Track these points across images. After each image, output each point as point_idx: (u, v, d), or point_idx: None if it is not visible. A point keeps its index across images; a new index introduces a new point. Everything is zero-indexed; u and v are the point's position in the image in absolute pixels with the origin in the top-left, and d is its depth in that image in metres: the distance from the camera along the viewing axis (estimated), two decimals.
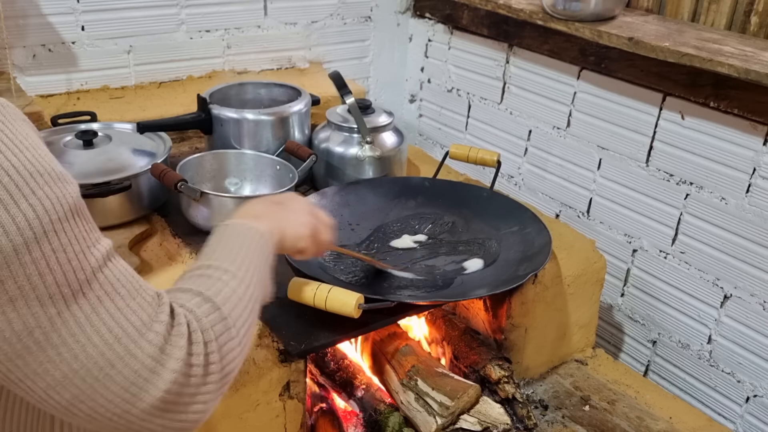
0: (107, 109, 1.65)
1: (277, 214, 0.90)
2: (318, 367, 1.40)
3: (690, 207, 1.56)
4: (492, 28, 1.92)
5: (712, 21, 1.52)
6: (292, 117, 1.57)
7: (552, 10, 1.61)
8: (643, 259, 1.69)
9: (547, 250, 1.28)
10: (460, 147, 1.58)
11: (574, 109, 1.77)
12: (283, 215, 0.91)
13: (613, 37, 1.49)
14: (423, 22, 2.17)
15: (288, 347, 1.09)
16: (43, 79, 1.68)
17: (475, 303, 1.47)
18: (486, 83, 2.01)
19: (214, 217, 1.30)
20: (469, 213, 1.47)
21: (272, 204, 0.93)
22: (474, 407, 1.28)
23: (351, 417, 1.34)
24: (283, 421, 1.12)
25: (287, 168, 1.43)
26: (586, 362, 1.52)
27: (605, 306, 1.81)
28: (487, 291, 1.25)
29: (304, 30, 2.01)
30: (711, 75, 1.39)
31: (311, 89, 1.71)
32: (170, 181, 1.27)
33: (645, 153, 1.63)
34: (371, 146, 1.51)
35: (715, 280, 1.55)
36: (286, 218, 0.90)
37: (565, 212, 1.87)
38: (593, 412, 1.37)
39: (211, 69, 1.90)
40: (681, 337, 1.65)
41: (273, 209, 0.91)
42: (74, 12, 1.66)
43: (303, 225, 0.93)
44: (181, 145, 1.70)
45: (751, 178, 1.43)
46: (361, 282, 1.26)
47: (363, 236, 1.40)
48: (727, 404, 1.58)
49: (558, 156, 1.85)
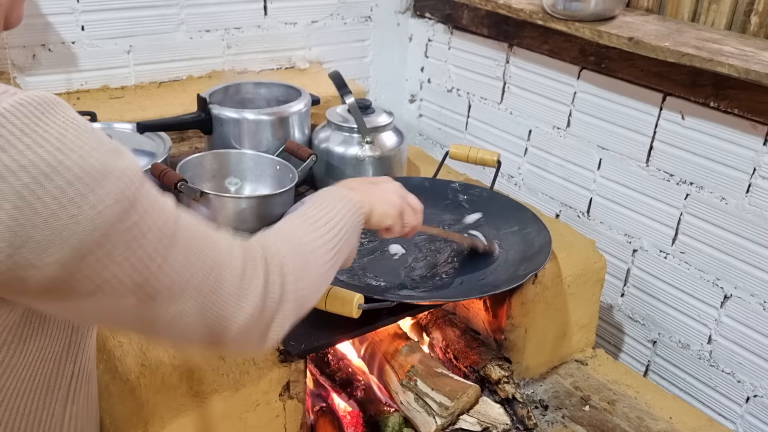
0: (107, 109, 1.65)
1: (370, 190, 0.98)
2: (318, 367, 1.40)
3: (690, 207, 1.56)
4: (492, 28, 1.92)
5: (712, 21, 1.52)
6: (292, 117, 1.57)
7: (552, 10, 1.61)
8: (643, 259, 1.69)
9: (547, 250, 1.28)
10: (460, 147, 1.58)
11: (574, 109, 1.77)
12: (375, 192, 0.98)
13: (613, 37, 1.49)
14: (423, 22, 2.17)
15: (288, 347, 1.09)
16: (43, 79, 1.68)
17: (475, 303, 1.47)
18: (486, 83, 2.01)
19: (214, 217, 1.30)
20: (469, 213, 1.47)
21: (367, 182, 1.02)
22: (474, 407, 1.28)
23: (351, 417, 1.34)
24: (283, 421, 1.12)
25: (287, 168, 1.43)
26: (586, 362, 1.52)
27: (605, 306, 1.81)
28: (487, 291, 1.25)
29: (304, 30, 2.00)
30: (711, 75, 1.39)
31: (311, 89, 1.71)
32: (170, 181, 1.27)
33: (645, 153, 1.63)
34: (371, 146, 1.52)
35: (715, 280, 1.55)
36: (377, 195, 0.98)
37: (565, 212, 1.87)
38: (593, 412, 1.37)
39: (211, 69, 1.90)
40: (681, 337, 1.65)
41: (367, 186, 0.99)
42: (74, 12, 1.66)
43: (392, 205, 0.99)
44: (181, 145, 1.70)
45: (751, 178, 1.43)
46: (361, 282, 1.26)
47: (363, 236, 1.40)
48: (727, 404, 1.58)
49: (558, 156, 1.85)
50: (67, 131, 0.57)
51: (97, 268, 0.58)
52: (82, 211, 0.56)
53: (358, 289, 1.08)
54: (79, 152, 0.57)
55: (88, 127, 0.59)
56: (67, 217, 0.55)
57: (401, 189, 1.04)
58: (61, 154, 0.56)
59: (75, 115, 0.60)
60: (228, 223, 1.31)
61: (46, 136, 0.56)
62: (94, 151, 0.58)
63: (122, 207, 0.59)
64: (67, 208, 0.55)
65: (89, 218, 0.56)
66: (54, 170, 0.55)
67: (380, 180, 1.04)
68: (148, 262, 0.61)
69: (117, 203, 0.58)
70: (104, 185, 0.57)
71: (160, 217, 0.63)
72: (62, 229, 0.55)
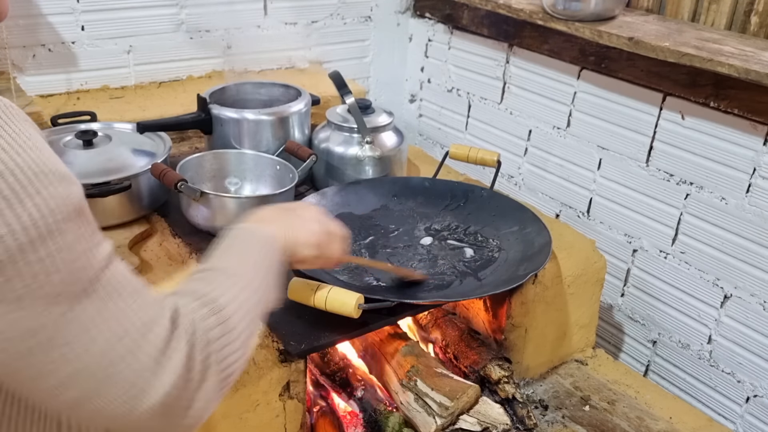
0: (107, 109, 1.65)
1: (287, 220, 0.90)
2: (318, 367, 1.40)
3: (690, 207, 1.56)
4: (492, 28, 1.92)
5: (712, 21, 1.52)
6: (292, 117, 1.57)
7: (552, 10, 1.61)
8: (643, 259, 1.69)
9: (547, 250, 1.28)
10: (460, 147, 1.58)
11: (574, 108, 1.77)
12: (292, 221, 0.90)
13: (613, 37, 1.49)
14: (423, 22, 2.17)
15: (288, 347, 1.09)
16: (43, 79, 1.68)
17: (475, 303, 1.47)
18: (486, 83, 2.01)
19: (214, 217, 1.30)
20: (469, 213, 1.47)
21: (282, 210, 0.93)
22: (473, 407, 1.28)
23: (351, 417, 1.34)
24: (283, 421, 1.12)
25: (287, 168, 1.43)
26: (586, 362, 1.52)
27: (605, 306, 1.80)
28: (487, 291, 1.25)
29: (304, 30, 2.00)
30: (711, 75, 1.39)
31: (311, 89, 1.71)
32: (170, 181, 1.27)
33: (645, 153, 1.62)
34: (371, 146, 1.51)
35: (715, 280, 1.55)
36: (295, 224, 0.89)
37: (565, 212, 1.87)
38: (593, 412, 1.37)
39: (211, 69, 1.90)
40: (681, 337, 1.65)
41: (282, 215, 0.91)
42: (74, 12, 1.66)
43: (312, 233, 0.91)
44: (181, 145, 1.70)
45: (751, 178, 1.43)
46: (361, 282, 1.26)
47: (363, 236, 1.40)
48: (727, 404, 1.58)
49: (558, 156, 1.85)
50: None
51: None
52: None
53: (358, 289, 1.08)
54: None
55: (28, 144, 0.54)
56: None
57: (320, 214, 0.95)
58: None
59: (21, 127, 0.55)
60: (228, 223, 1.31)
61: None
62: (17, 169, 0.52)
63: (29, 236, 0.52)
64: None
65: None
66: None
67: (297, 206, 0.97)
68: (42, 308, 0.53)
69: (24, 231, 0.51)
70: (15, 208, 0.51)
71: (80, 260, 0.56)
72: None
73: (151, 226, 1.38)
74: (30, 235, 0.52)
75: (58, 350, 0.55)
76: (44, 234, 0.53)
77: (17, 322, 0.53)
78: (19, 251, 0.51)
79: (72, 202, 0.56)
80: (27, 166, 0.53)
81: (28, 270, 0.52)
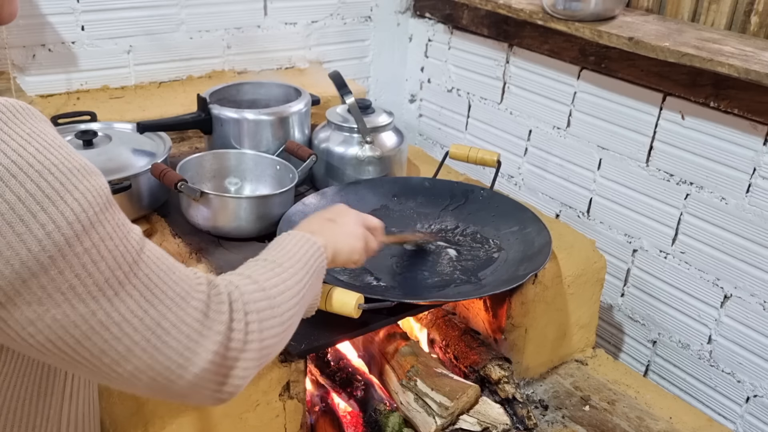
0: (107, 109, 1.65)
1: (332, 230, 0.96)
2: (318, 367, 1.40)
3: (690, 207, 1.56)
4: (492, 28, 1.92)
5: (712, 21, 1.52)
6: (292, 117, 1.56)
7: (552, 10, 1.61)
8: (643, 259, 1.69)
9: (547, 250, 1.28)
10: (460, 147, 1.58)
11: (574, 109, 1.77)
12: (336, 231, 0.97)
13: (613, 37, 1.49)
14: (423, 22, 2.17)
15: (288, 347, 1.09)
16: (43, 79, 1.68)
17: (475, 303, 1.47)
18: (486, 83, 2.01)
19: (214, 217, 1.30)
20: (469, 213, 1.47)
21: (325, 221, 0.99)
22: (473, 407, 1.28)
23: (351, 417, 1.34)
24: (283, 421, 1.12)
25: (287, 168, 1.43)
26: (586, 362, 1.52)
27: (605, 306, 1.81)
28: (487, 291, 1.25)
29: (304, 30, 2.01)
30: (711, 75, 1.39)
31: (311, 89, 1.71)
32: (170, 181, 1.27)
33: (645, 153, 1.63)
34: (371, 146, 1.51)
35: (715, 280, 1.55)
36: (339, 233, 0.97)
37: (565, 212, 1.87)
38: (593, 412, 1.37)
39: (211, 69, 1.90)
40: (681, 337, 1.65)
41: (327, 226, 0.97)
42: (74, 12, 1.66)
43: (356, 237, 0.99)
44: (181, 145, 1.70)
45: (751, 178, 1.43)
46: (361, 282, 1.26)
47: None
48: (727, 404, 1.58)
49: (558, 156, 1.85)
50: (30, 143, 0.55)
51: (39, 295, 0.55)
52: (29, 229, 0.53)
53: (358, 289, 1.08)
54: (37, 167, 0.54)
55: (56, 143, 0.57)
56: (12, 235, 0.52)
57: (359, 216, 1.03)
58: (15, 166, 0.53)
59: (45, 128, 0.57)
60: (228, 223, 1.31)
61: (2, 145, 0.53)
62: (53, 168, 0.55)
63: (75, 230, 0.55)
64: (14, 225, 0.52)
65: (36, 238, 0.53)
66: (3, 181, 0.52)
67: (337, 214, 1.02)
68: (93, 295, 0.57)
69: (69, 225, 0.55)
70: (58, 205, 0.54)
71: (120, 245, 0.59)
72: (4, 248, 0.52)
73: (151, 226, 1.38)
74: (75, 229, 0.55)
75: (116, 327, 0.59)
76: (87, 226, 0.56)
77: (72, 311, 0.57)
78: (67, 245, 0.55)
79: (104, 193, 0.59)
80: (62, 164, 0.56)
81: (77, 261, 0.56)
